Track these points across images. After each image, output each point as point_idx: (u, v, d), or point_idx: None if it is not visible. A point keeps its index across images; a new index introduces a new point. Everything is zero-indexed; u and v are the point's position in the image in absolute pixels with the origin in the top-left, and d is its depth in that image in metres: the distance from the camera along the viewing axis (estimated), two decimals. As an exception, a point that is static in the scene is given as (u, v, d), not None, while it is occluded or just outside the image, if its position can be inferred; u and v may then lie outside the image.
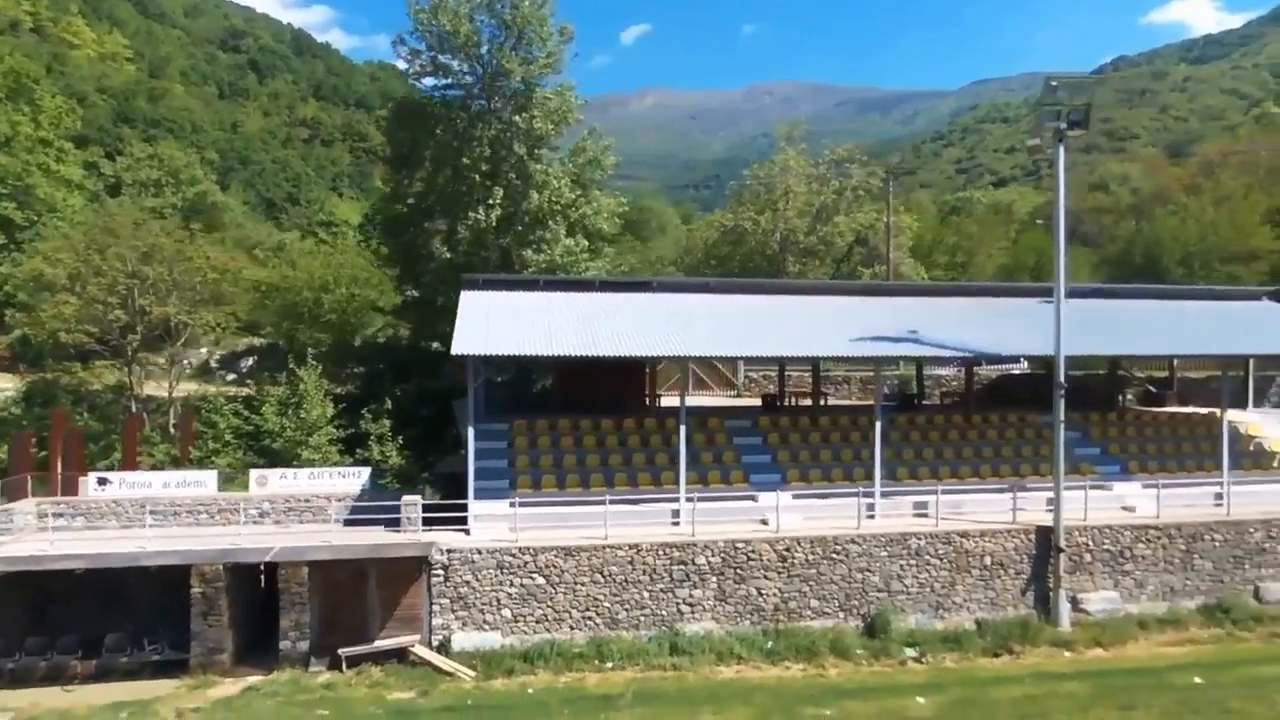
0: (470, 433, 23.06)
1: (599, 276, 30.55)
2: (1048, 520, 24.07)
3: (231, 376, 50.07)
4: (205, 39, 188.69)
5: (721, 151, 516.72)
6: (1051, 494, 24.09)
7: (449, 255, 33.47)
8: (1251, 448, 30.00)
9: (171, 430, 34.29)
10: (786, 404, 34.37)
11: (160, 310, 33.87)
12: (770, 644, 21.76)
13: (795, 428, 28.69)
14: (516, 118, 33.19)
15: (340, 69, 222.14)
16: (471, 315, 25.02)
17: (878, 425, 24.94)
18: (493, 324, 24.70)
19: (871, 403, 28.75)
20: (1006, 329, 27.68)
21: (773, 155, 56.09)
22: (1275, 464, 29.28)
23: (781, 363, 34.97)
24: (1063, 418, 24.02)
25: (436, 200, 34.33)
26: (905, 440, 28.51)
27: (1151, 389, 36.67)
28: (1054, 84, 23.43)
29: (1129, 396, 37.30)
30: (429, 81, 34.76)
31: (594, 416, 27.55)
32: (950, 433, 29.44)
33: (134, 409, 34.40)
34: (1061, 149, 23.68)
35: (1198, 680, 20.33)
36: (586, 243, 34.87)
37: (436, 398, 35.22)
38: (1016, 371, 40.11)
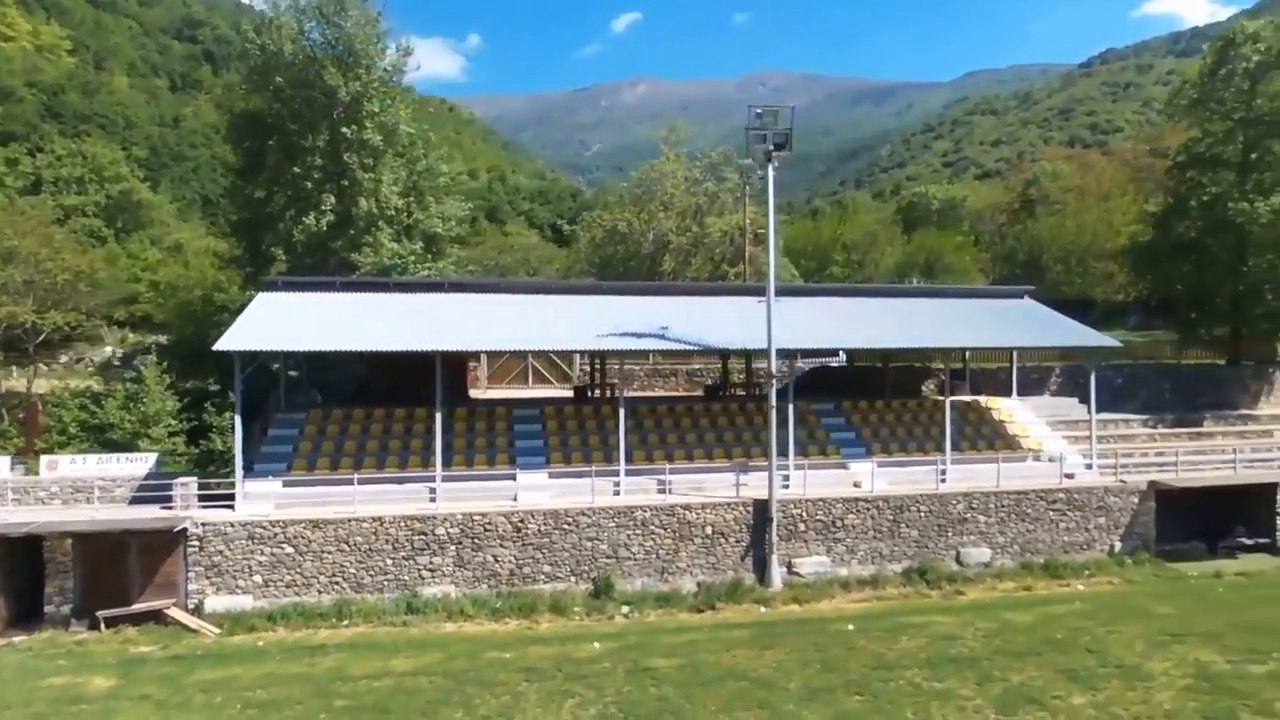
0: (237, 421, 25.81)
1: (395, 279, 33.20)
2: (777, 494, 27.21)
3: (131, 374, 52.69)
4: (160, 28, 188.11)
5: (714, 142, 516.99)
6: (787, 471, 27.45)
7: (284, 258, 36.16)
8: (993, 429, 33.29)
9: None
10: (596, 395, 37.35)
11: (9, 311, 36.34)
12: (499, 604, 24.76)
13: (576, 416, 31.66)
14: (345, 130, 35.84)
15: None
16: (257, 314, 27.83)
17: (621, 413, 27.97)
18: (274, 322, 27.50)
19: (685, 393, 31.68)
20: (745, 326, 30.31)
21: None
22: (1022, 446, 32.56)
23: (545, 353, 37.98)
24: (775, 404, 27.17)
25: (276, 207, 36.94)
26: (677, 426, 31.60)
27: (944, 379, 39.79)
28: (758, 112, 26.46)
29: (931, 386, 40.53)
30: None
31: (409, 407, 30.20)
32: (719, 419, 32.48)
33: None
34: (770, 169, 26.72)
35: (850, 627, 23.51)
36: (419, 246, 37.63)
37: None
38: (834, 364, 43.27)
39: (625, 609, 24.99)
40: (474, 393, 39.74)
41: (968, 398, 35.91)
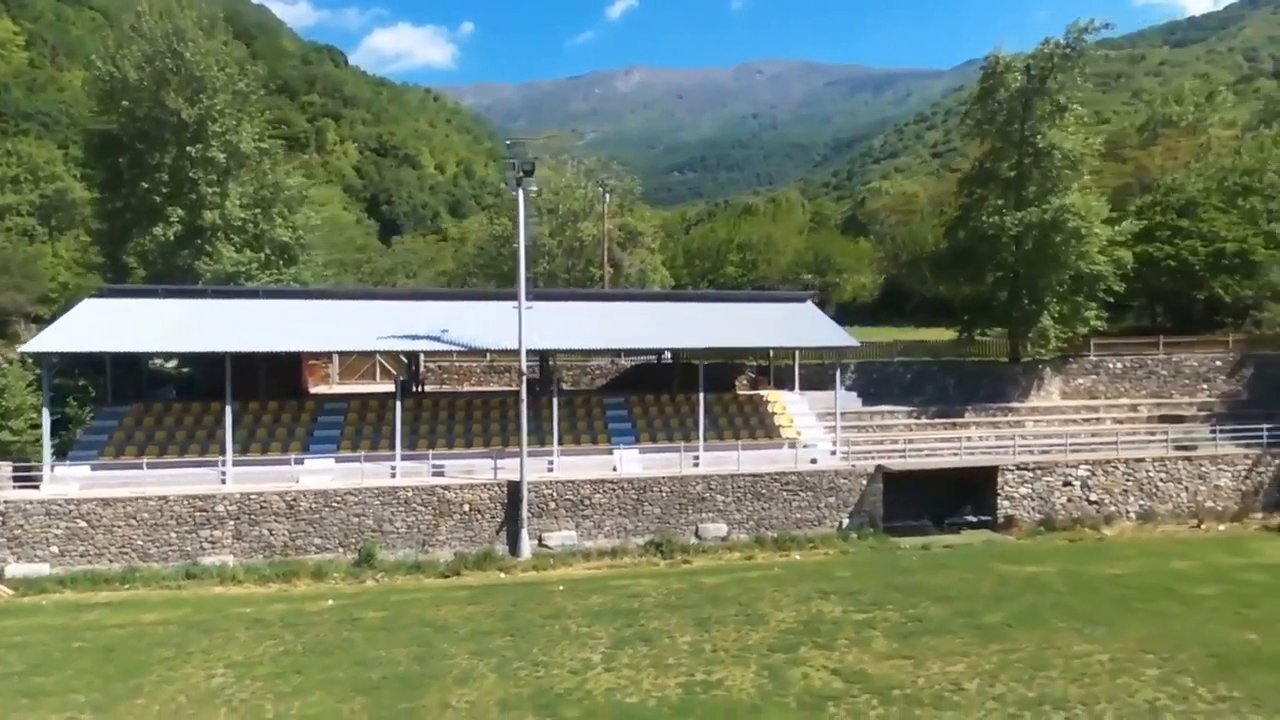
0: (45, 414, 29.68)
1: (214, 287, 36.87)
2: (531, 476, 31.18)
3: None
4: (130, 24, 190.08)
5: (710, 132, 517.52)
6: (551, 457, 31.56)
7: (136, 266, 39.96)
8: (766, 421, 37.32)
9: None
10: (419, 390, 41.26)
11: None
12: (268, 571, 28.68)
13: (380, 409, 35.52)
14: (191, 149, 39.61)
15: (265, 52, 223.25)
16: (76, 318, 31.65)
17: (398, 406, 31.90)
18: (88, 326, 31.30)
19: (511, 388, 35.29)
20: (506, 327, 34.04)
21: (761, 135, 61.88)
22: (782, 435, 36.55)
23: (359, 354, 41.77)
24: (525, 396, 31.09)
25: (129, 219, 40.68)
26: (470, 418, 35.53)
27: (751, 375, 43.88)
28: (509, 143, 30.38)
29: (743, 381, 44.49)
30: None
31: (241, 400, 33.88)
32: (492, 411, 36.22)
33: None
34: (521, 191, 30.63)
35: (560, 588, 27.50)
36: (266, 255, 41.42)
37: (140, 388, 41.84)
38: (660, 361, 47.11)
39: (380, 575, 28.90)
40: (322, 388, 43.62)
41: (751, 391, 39.88)
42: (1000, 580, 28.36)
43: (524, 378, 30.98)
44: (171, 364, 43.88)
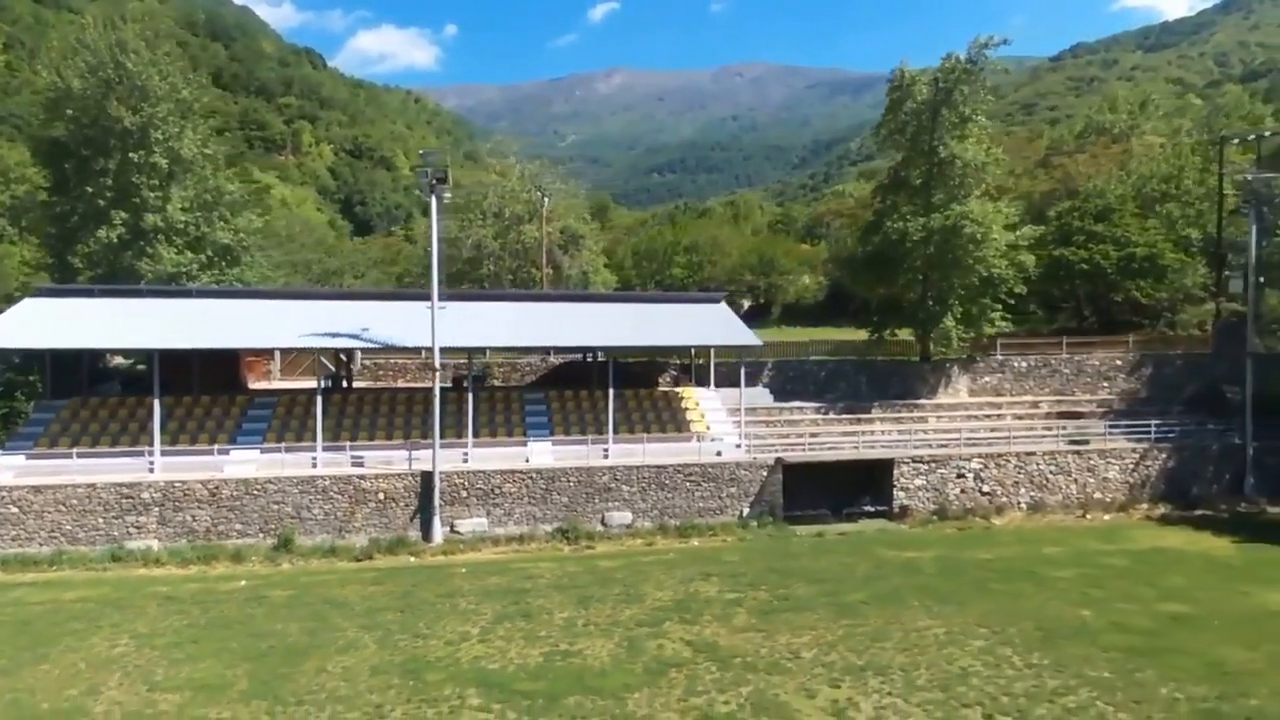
0: (-22, 405, 31.37)
1: (150, 287, 38.54)
2: (445, 467, 33.08)
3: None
4: (103, 23, 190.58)
5: (690, 134, 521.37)
6: (466, 449, 33.50)
7: (81, 268, 41.62)
8: (678, 415, 39.36)
9: None
10: (348, 386, 43.09)
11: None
12: (190, 554, 30.49)
13: (307, 404, 37.28)
14: (133, 156, 41.30)
15: (244, 55, 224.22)
16: (14, 317, 33.34)
17: (318, 400, 33.75)
18: (27, 323, 33.00)
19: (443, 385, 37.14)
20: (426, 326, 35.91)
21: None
22: (692, 429, 38.56)
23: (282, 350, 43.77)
24: (438, 390, 32.99)
25: (78, 220, 42.32)
26: (409, 411, 37.40)
27: (674, 373, 45.86)
28: (422, 152, 32.24)
29: (666, 378, 46.45)
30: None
31: (177, 395, 35.77)
32: (449, 405, 37.98)
33: None
34: (434, 199, 32.53)
35: (463, 570, 29.44)
36: (204, 257, 43.16)
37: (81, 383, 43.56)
38: (586, 360, 49.00)
39: (296, 559, 30.75)
40: (262, 384, 45.37)
41: (670, 389, 41.88)
42: (877, 564, 30.42)
43: (435, 373, 32.88)
44: (128, 361, 45.58)
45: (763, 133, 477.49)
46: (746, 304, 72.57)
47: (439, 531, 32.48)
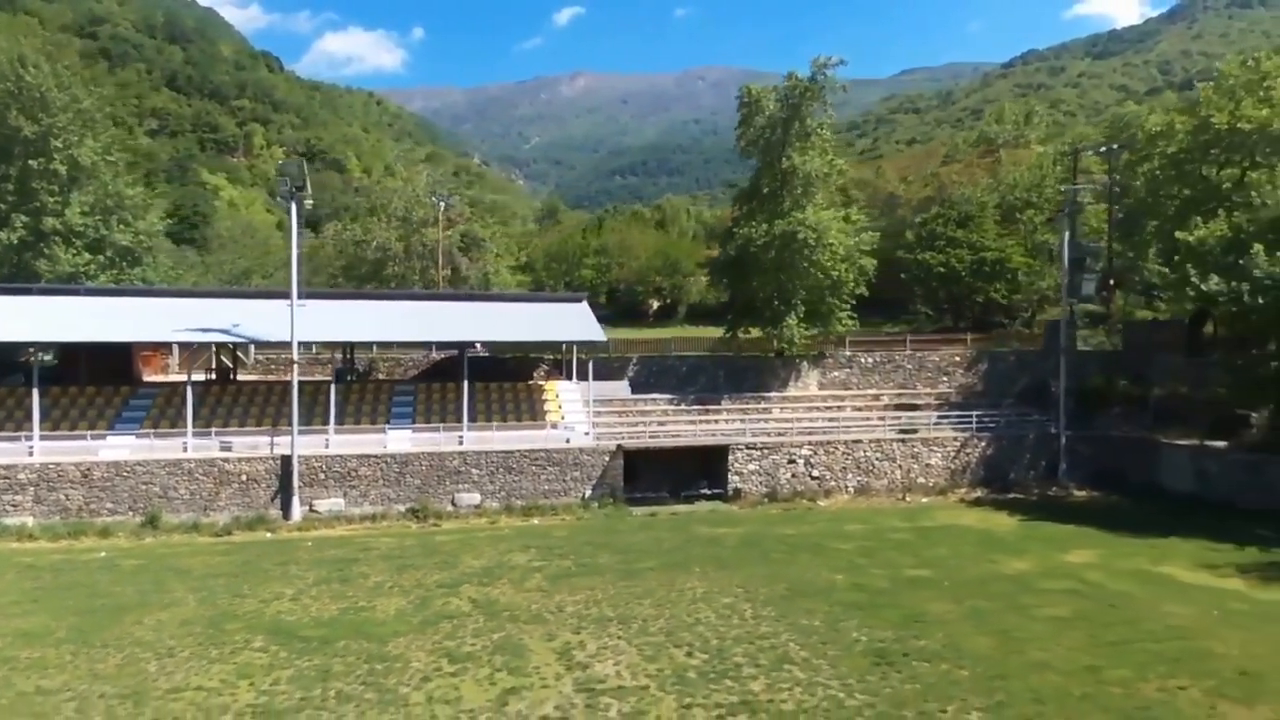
0: None
1: (42, 285, 41.42)
2: (306, 451, 36.33)
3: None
4: (61, 25, 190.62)
5: (653, 136, 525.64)
6: (327, 435, 36.85)
7: (-15, 268, 44.42)
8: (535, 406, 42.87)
9: None
10: (232, 378, 46.18)
11: None
12: (61, 530, 33.48)
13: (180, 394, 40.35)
14: (33, 162, 44.10)
15: (199, 58, 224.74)
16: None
17: (189, 391, 36.87)
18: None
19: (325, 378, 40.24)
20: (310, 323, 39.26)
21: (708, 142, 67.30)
22: (547, 418, 42.02)
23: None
24: (296, 381, 36.24)
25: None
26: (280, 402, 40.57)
27: (546, 368, 49.30)
28: (281, 162, 35.41)
29: (540, 372, 49.80)
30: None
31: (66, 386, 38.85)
32: (320, 395, 41.35)
33: None
34: (294, 205, 35.73)
35: (309, 544, 32.68)
36: (102, 258, 46.06)
37: None
38: (472, 354, 52.35)
39: (160, 535, 33.85)
40: (158, 377, 48.27)
41: (538, 381, 45.36)
42: (687, 539, 33.86)
43: (294, 365, 36.17)
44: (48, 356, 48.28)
45: (724, 136, 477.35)
46: (655, 304, 76.10)
47: (298, 510, 35.71)
